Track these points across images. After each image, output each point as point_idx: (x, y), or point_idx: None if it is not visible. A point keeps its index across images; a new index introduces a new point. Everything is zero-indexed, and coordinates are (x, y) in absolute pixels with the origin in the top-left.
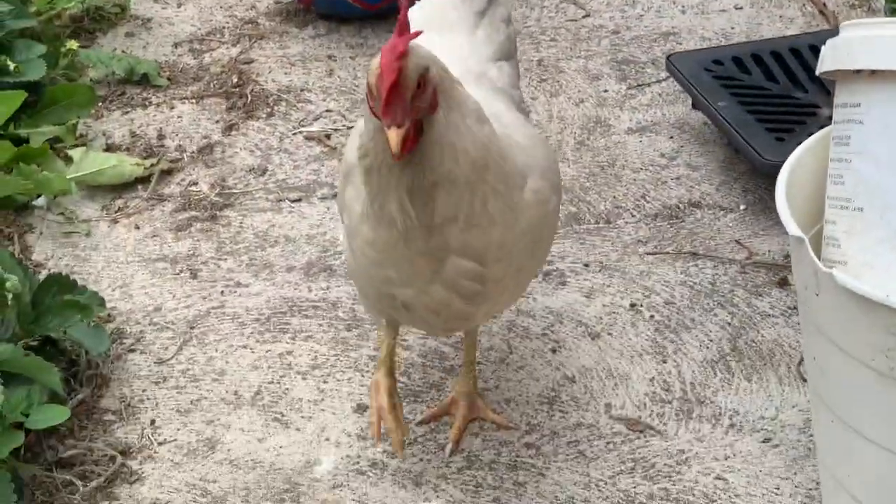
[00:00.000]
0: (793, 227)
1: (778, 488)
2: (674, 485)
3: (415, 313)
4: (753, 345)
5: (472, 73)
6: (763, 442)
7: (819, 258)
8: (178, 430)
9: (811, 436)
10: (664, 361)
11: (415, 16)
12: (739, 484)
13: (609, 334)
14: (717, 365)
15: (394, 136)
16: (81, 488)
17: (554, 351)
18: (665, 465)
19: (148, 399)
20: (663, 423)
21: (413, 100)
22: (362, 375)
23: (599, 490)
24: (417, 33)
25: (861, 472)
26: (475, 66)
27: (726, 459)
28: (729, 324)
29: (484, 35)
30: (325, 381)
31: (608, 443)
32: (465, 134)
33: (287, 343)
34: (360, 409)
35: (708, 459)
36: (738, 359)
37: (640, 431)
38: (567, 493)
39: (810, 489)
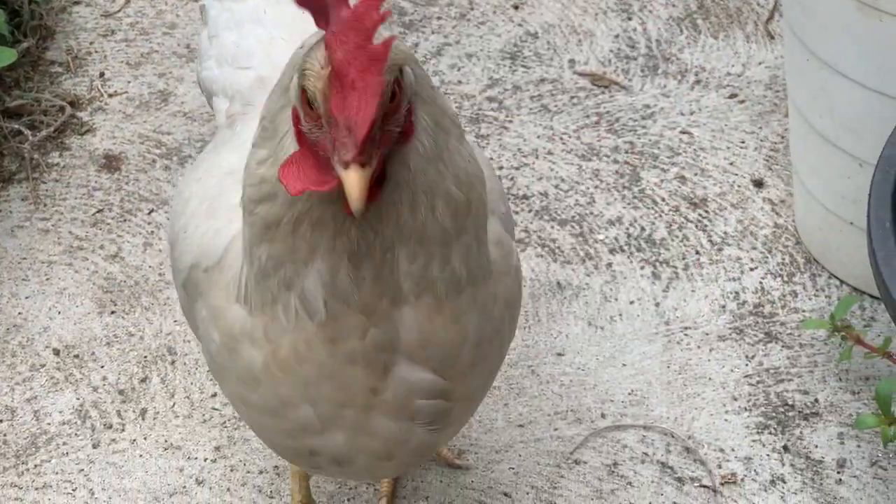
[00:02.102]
0: None
1: (743, 142)
2: (638, 138)
3: (353, 467)
4: (720, 2)
5: None
6: (729, 98)
7: None
8: (129, 82)
9: (777, 92)
10: (629, 19)
11: None
12: (704, 138)
13: None
14: (684, 22)
15: (357, 181)
16: (31, 137)
17: (516, 7)
18: (630, 119)
19: (96, 52)
20: (628, 79)
21: (383, 122)
22: None
23: (563, 143)
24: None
25: (833, 109)
26: None
27: (692, 114)
28: None
29: None
30: None
31: (572, 97)
32: (447, 167)
33: None
34: None
35: (673, 114)
36: (705, 16)
37: (605, 87)
38: (531, 146)
39: (775, 143)
